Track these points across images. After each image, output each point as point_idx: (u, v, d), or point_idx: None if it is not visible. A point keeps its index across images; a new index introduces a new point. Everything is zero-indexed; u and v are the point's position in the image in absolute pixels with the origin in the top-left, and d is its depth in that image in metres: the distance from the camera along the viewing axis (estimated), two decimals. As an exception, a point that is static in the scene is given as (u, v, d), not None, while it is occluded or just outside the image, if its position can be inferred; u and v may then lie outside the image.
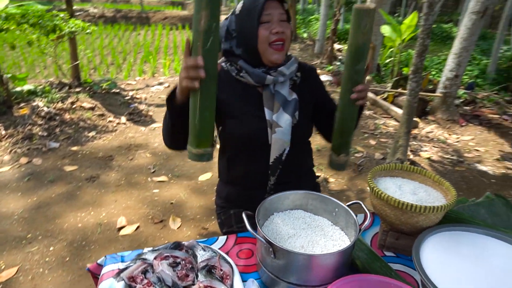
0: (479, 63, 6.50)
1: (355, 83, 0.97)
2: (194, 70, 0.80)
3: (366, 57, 0.96)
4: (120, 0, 22.93)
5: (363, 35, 0.92)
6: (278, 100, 1.12)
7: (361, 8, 0.91)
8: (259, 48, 1.08)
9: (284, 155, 1.14)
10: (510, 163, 3.19)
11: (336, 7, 6.77)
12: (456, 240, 0.89)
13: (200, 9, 0.78)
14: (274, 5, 1.08)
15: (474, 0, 3.80)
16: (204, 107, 0.86)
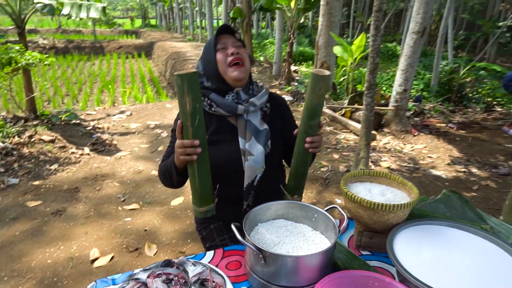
0: (423, 77, 7.06)
1: (309, 135, 1.10)
2: (191, 148, 0.98)
3: (320, 114, 1.10)
4: (71, 31, 22.49)
5: (317, 97, 1.06)
6: (249, 130, 1.22)
7: (317, 73, 1.03)
8: (220, 71, 1.21)
9: (255, 181, 1.23)
10: (460, 166, 3.47)
11: (290, 31, 7.11)
12: (423, 232, 1.00)
13: (183, 95, 0.94)
14: (227, 36, 1.24)
15: (414, 22, 4.19)
16: (202, 173, 1.03)
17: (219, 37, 1.23)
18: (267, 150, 1.24)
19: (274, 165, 1.29)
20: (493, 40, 12.52)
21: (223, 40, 1.23)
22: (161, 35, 20.36)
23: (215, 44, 1.22)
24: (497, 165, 3.49)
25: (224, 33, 1.25)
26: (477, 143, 4.05)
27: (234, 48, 1.21)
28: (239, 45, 1.24)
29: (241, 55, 1.21)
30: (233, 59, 1.19)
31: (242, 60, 1.21)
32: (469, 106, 5.84)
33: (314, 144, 1.11)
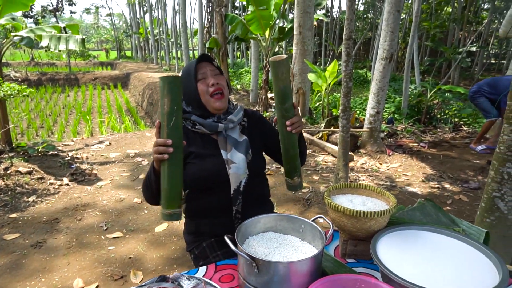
0: (394, 100, 7.41)
1: (287, 118, 1.16)
2: (163, 147, 1.02)
3: (290, 96, 1.16)
4: (44, 63, 22.27)
5: (282, 81, 1.12)
6: (230, 142, 1.32)
7: (275, 60, 1.10)
8: (202, 100, 1.29)
9: (241, 186, 1.30)
10: (433, 182, 3.64)
11: (265, 60, 7.36)
12: (403, 237, 1.08)
13: (163, 96, 1.01)
14: (205, 64, 1.32)
15: (381, 49, 4.47)
16: (172, 174, 1.06)
17: (198, 66, 1.31)
18: (249, 158, 1.32)
19: (256, 173, 1.36)
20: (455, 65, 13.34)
21: (202, 70, 1.30)
22: (137, 66, 20.47)
23: (195, 74, 1.29)
24: (468, 180, 3.68)
25: (202, 61, 1.32)
26: (448, 160, 4.26)
27: (214, 78, 1.29)
28: (217, 73, 1.32)
29: (221, 85, 1.30)
30: (214, 89, 1.28)
31: (222, 90, 1.30)
32: (438, 126, 6.15)
33: (294, 125, 1.16)
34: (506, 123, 1.90)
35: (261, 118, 1.48)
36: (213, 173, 1.30)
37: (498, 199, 1.99)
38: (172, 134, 1.03)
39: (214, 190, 1.32)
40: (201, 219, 1.38)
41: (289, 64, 1.18)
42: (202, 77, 1.30)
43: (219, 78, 1.31)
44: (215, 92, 1.28)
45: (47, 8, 18.27)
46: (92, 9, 36.23)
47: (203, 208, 1.36)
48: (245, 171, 1.30)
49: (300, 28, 5.96)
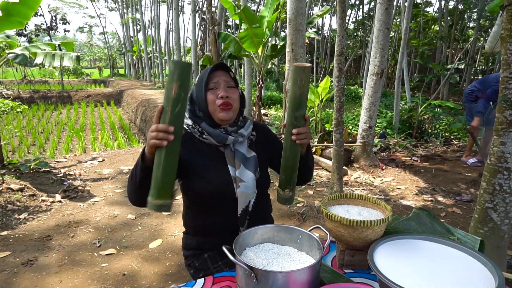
0: (386, 116, 7.51)
1: (295, 127, 1.14)
2: (164, 133, 0.95)
3: (304, 106, 1.13)
4: (37, 81, 22.23)
5: (300, 88, 1.10)
6: (238, 158, 1.27)
7: (298, 66, 1.09)
8: (210, 110, 1.25)
9: (250, 206, 1.26)
10: (427, 196, 3.66)
11: (258, 77, 7.45)
12: (399, 246, 1.08)
13: (172, 81, 0.95)
14: (220, 73, 1.25)
15: (372, 65, 4.57)
16: (168, 163, 1.00)
17: (212, 74, 1.25)
18: (257, 175, 1.28)
19: (263, 190, 1.33)
20: (444, 81, 13.62)
21: (215, 79, 1.24)
22: (130, 84, 20.53)
23: (206, 82, 1.24)
24: (460, 192, 3.71)
25: (218, 70, 1.26)
26: (440, 174, 4.31)
27: (225, 91, 1.23)
28: (232, 85, 1.26)
29: (231, 99, 1.24)
30: (222, 102, 1.22)
31: (231, 104, 1.24)
32: (429, 140, 6.23)
33: (301, 135, 1.13)
34: (495, 135, 1.95)
35: (268, 131, 1.45)
36: (220, 189, 1.25)
37: (491, 210, 2.01)
38: (175, 122, 0.97)
39: (219, 208, 1.27)
40: (203, 237, 1.34)
41: (310, 73, 1.15)
42: (213, 86, 1.24)
43: (231, 91, 1.25)
44: (223, 105, 1.23)
45: (41, 27, 18.38)
46: (86, 28, 36.54)
47: (206, 226, 1.32)
48: (254, 190, 1.26)
49: (292, 45, 6.07)
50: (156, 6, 20.38)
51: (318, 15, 7.38)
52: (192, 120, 1.30)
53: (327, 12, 7.37)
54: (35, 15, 17.61)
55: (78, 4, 30.42)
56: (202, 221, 1.32)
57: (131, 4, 24.23)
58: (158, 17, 20.45)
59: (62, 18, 20.13)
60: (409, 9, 7.26)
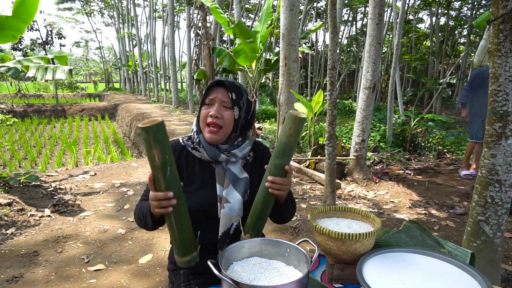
0: (379, 129, 7.55)
1: (272, 175, 1.07)
2: (165, 201, 0.94)
3: (287, 155, 1.06)
4: (31, 95, 22.17)
5: (286, 136, 1.04)
6: (228, 177, 1.21)
7: (291, 113, 1.02)
8: (200, 125, 1.22)
9: (232, 229, 1.20)
10: (420, 209, 3.65)
11: (252, 91, 7.49)
12: (389, 259, 1.07)
13: (151, 148, 0.88)
14: (219, 91, 1.19)
15: (364, 79, 4.61)
16: (180, 223, 1.00)
17: (211, 90, 1.21)
18: (246, 198, 1.22)
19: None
20: (437, 95, 13.80)
21: (213, 95, 1.20)
22: (125, 98, 20.55)
23: (205, 96, 1.21)
24: (454, 205, 3.71)
25: (218, 86, 1.20)
26: (434, 187, 4.31)
27: (216, 110, 1.17)
28: (228, 106, 1.19)
29: (222, 120, 1.18)
30: (210, 122, 1.18)
31: (219, 125, 1.18)
32: (422, 154, 6.26)
33: (274, 185, 1.06)
34: (486, 147, 1.95)
35: (266, 153, 1.36)
36: (203, 207, 1.20)
37: (483, 222, 2.00)
38: (171, 185, 0.93)
39: (201, 225, 1.20)
40: None
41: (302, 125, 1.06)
42: (209, 102, 1.20)
43: (224, 111, 1.19)
44: (211, 125, 1.19)
45: (36, 41, 18.45)
46: (82, 43, 36.73)
47: None
48: (239, 213, 1.20)
49: (285, 60, 6.13)
50: (152, 21, 20.61)
51: (312, 30, 7.49)
52: (193, 130, 1.28)
53: (320, 27, 7.48)
54: (31, 29, 17.70)
55: (74, 19, 30.63)
56: None
57: (127, 20, 24.47)
58: (154, 32, 20.64)
59: (58, 32, 20.23)
60: (401, 25, 7.39)
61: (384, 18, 4.60)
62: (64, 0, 26.21)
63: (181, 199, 0.97)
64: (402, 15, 7.37)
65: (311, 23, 21.86)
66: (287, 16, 5.44)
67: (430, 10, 17.33)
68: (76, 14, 29.02)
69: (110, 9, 28.34)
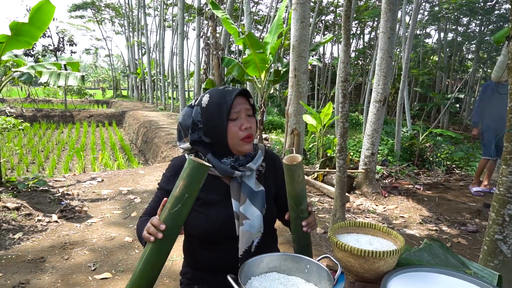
0: (387, 143, 7.50)
1: (302, 219, 1.14)
2: (154, 229, 0.93)
3: (305, 198, 1.13)
4: (40, 100, 22.42)
5: (299, 183, 1.08)
6: (244, 192, 1.15)
7: (290, 164, 1.04)
8: (229, 143, 1.13)
9: (253, 247, 1.15)
10: (431, 225, 3.59)
11: (261, 101, 7.50)
12: (413, 279, 1.03)
13: (181, 178, 0.91)
14: (241, 101, 1.14)
15: (375, 92, 4.59)
16: (149, 260, 0.95)
17: (235, 100, 1.13)
18: (263, 213, 1.17)
19: (269, 227, 1.22)
20: (445, 110, 13.73)
21: (237, 108, 1.13)
22: (132, 105, 20.70)
23: (228, 112, 1.11)
24: (465, 222, 3.64)
25: (240, 96, 1.15)
26: (444, 203, 4.24)
27: (247, 121, 1.14)
28: (251, 114, 1.17)
29: (253, 129, 1.16)
30: (246, 135, 1.13)
31: (252, 135, 1.16)
32: (431, 168, 6.19)
33: (310, 224, 1.14)
34: (504, 165, 1.91)
35: (277, 162, 1.32)
36: (219, 227, 1.14)
37: (500, 241, 1.95)
38: (170, 221, 0.92)
39: (219, 246, 1.17)
40: (200, 272, 1.23)
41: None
42: (235, 116, 1.13)
43: (251, 121, 1.16)
44: (246, 138, 1.14)
45: (48, 48, 18.72)
46: (92, 50, 37.23)
47: (202, 263, 1.21)
48: (259, 229, 1.15)
49: (295, 71, 6.14)
50: (161, 30, 20.85)
51: (321, 43, 7.51)
52: (196, 150, 1.19)
53: (330, 40, 7.51)
54: (43, 36, 17.98)
55: (85, 27, 31.08)
56: (199, 257, 1.22)
57: (137, 28, 24.80)
58: (163, 41, 20.87)
59: (69, 39, 20.53)
60: (411, 39, 7.40)
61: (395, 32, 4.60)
62: (77, 8, 26.62)
63: (168, 242, 0.95)
64: (413, 30, 7.38)
65: (319, 36, 22.00)
66: (297, 28, 5.47)
67: (438, 25, 17.39)
68: (88, 22, 29.45)
69: (120, 18, 28.76)
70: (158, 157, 8.26)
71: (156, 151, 8.80)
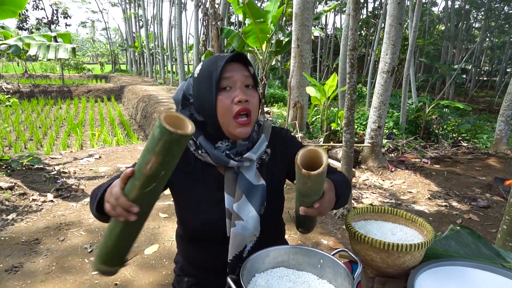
0: (392, 115, 7.29)
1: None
2: (124, 211, 0.68)
3: (318, 195, 0.81)
4: (38, 76, 22.02)
5: (311, 188, 0.79)
6: (241, 186, 0.95)
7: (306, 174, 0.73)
8: (220, 121, 0.91)
9: (245, 251, 0.96)
10: (440, 200, 3.46)
11: (262, 73, 7.24)
12: (443, 274, 0.88)
13: (151, 151, 0.64)
14: (237, 67, 0.92)
15: (383, 62, 4.35)
16: (124, 237, 0.77)
17: (226, 67, 0.90)
18: (261, 212, 0.96)
19: (269, 228, 1.00)
20: (451, 81, 13.39)
21: (229, 73, 0.90)
22: (131, 79, 20.34)
23: (218, 79, 0.89)
24: (476, 198, 3.51)
25: (234, 62, 0.92)
26: (453, 177, 4.10)
27: (243, 93, 0.89)
28: (250, 84, 0.93)
29: (251, 104, 0.91)
30: (240, 109, 0.89)
31: (250, 112, 0.91)
32: (437, 141, 6.02)
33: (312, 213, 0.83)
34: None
35: (292, 140, 1.08)
36: (209, 225, 0.96)
37: (524, 222, 1.81)
38: (143, 202, 0.70)
39: (208, 245, 1.00)
40: (190, 265, 1.08)
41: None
42: (227, 85, 0.90)
43: (250, 93, 0.92)
44: (240, 113, 0.90)
45: (41, 21, 18.17)
46: (88, 23, 36.30)
47: (191, 258, 1.07)
48: (254, 232, 0.95)
49: (298, 41, 5.87)
50: (158, 2, 20.16)
51: (325, 11, 7.17)
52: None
53: (334, 8, 7.16)
54: (36, 8, 17.41)
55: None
56: (188, 252, 1.08)
57: (134, 0, 24.01)
58: (160, 13, 20.22)
59: (64, 12, 19.90)
60: (419, 6, 7.03)
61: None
62: (70, -22, 25.69)
63: (141, 220, 0.75)
64: (421, -4, 7.00)
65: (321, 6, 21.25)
66: (301, -6, 5.15)
67: (446, -8, 16.71)
68: (82, -7, 28.53)
69: (116, -12, 27.80)
70: (158, 132, 8.09)
71: (156, 126, 8.62)
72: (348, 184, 1.01)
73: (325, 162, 0.74)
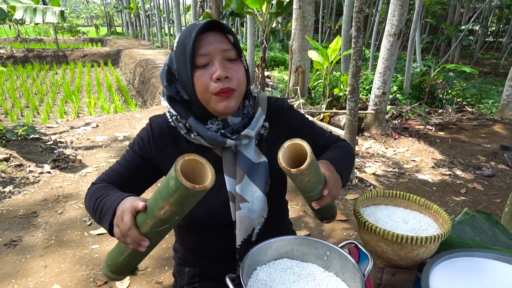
0: (396, 80, 7.10)
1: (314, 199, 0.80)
2: (134, 242, 0.65)
3: (320, 186, 0.76)
4: (31, 40, 21.41)
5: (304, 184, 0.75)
6: (241, 166, 0.88)
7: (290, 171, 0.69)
8: (200, 97, 0.82)
9: (254, 235, 0.90)
10: (444, 169, 3.40)
11: (263, 36, 6.96)
12: (462, 266, 0.82)
13: (166, 200, 0.60)
14: (213, 39, 0.79)
15: (389, 24, 4.13)
16: (132, 258, 0.77)
17: (200, 39, 0.79)
18: (267, 189, 0.90)
19: (274, 207, 0.94)
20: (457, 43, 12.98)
21: (206, 47, 0.78)
22: (128, 43, 19.78)
23: (192, 54, 0.78)
24: (480, 166, 3.45)
25: (209, 31, 0.80)
26: (458, 145, 4.02)
27: (222, 69, 0.78)
28: (232, 57, 0.82)
29: (234, 80, 0.81)
30: (220, 90, 0.79)
31: (232, 89, 0.81)
32: (441, 107, 5.89)
33: (324, 203, 0.78)
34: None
35: (289, 110, 0.99)
36: (211, 212, 0.89)
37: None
38: (154, 238, 0.68)
39: (212, 233, 0.94)
40: (191, 255, 1.03)
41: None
42: (204, 61, 0.79)
43: (232, 66, 0.81)
44: (220, 94, 0.80)
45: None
46: (80, -18, 34.75)
47: (194, 249, 1.01)
48: (261, 213, 0.88)
49: (300, 2, 5.58)
50: (153, -42, 19.17)
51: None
52: (175, 109, 0.87)
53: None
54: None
55: (70, -44, 28.65)
56: (189, 243, 1.01)
57: (127, -44, 22.84)
58: (155, -29, 19.28)
59: (54, -29, 18.96)
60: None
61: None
62: None
63: (149, 250, 0.72)
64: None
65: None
66: (304, -51, 4.82)
67: None
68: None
69: None
70: (156, 98, 7.95)
71: (154, 91, 8.46)
72: (349, 155, 0.95)
73: (309, 150, 0.68)
